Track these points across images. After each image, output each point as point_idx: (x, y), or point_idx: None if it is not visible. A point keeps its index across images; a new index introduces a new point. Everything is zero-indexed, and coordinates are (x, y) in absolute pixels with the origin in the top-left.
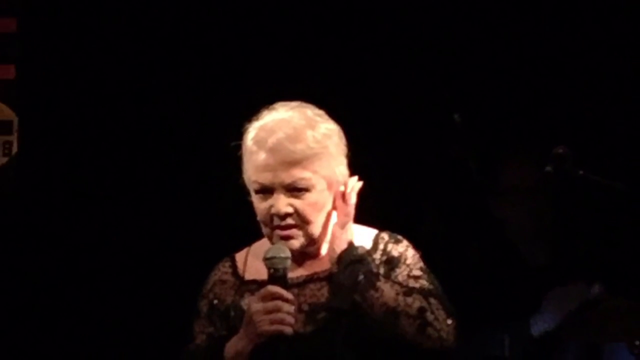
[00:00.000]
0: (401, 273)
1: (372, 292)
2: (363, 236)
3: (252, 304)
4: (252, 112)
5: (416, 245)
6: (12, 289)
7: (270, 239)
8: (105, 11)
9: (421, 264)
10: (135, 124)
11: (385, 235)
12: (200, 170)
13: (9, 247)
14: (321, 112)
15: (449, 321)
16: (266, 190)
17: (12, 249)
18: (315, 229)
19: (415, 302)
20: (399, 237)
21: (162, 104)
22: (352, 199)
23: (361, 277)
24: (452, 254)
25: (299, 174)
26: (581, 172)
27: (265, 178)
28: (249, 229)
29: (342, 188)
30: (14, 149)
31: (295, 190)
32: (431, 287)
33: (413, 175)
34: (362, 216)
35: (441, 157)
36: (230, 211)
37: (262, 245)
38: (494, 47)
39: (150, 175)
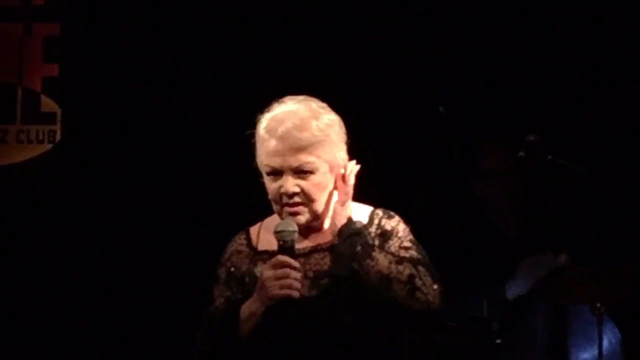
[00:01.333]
0: (393, 244)
1: (368, 261)
2: (360, 212)
3: (264, 271)
4: (264, 105)
5: (406, 220)
6: (56, 258)
7: (279, 214)
8: (136, 17)
9: (411, 236)
10: (164, 116)
11: (379, 212)
12: (220, 156)
13: (52, 222)
14: (324, 104)
15: (435, 286)
16: (276, 173)
17: (55, 224)
18: (319, 206)
19: (406, 269)
20: (392, 213)
21: (188, 99)
22: (351, 180)
23: (359, 248)
24: (438, 228)
25: (305, 159)
26: (549, 156)
27: (276, 162)
28: (261, 206)
29: (342, 171)
30: (58, 137)
31: (301, 172)
32: (419, 256)
33: (404, 160)
34: (360, 195)
35: (428, 144)
36: (245, 191)
37: (272, 220)
38: (474, 51)
39: (177, 159)
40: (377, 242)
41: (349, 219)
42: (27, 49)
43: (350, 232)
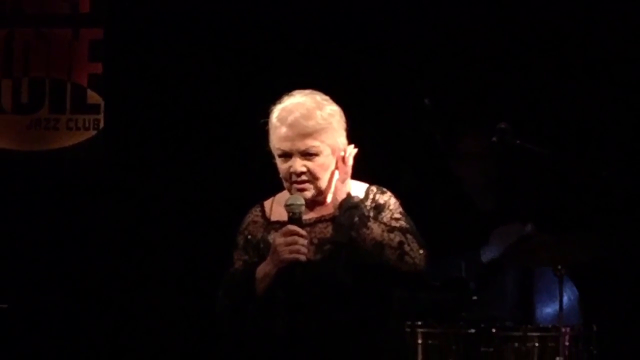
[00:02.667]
0: (385, 216)
1: (364, 229)
2: (357, 189)
3: (276, 238)
4: (276, 97)
5: (397, 195)
6: (99, 227)
7: (289, 190)
8: (168, 23)
9: (400, 209)
10: (192, 107)
11: (374, 188)
12: (239, 140)
13: (96, 196)
14: (327, 97)
15: (421, 251)
16: (286, 155)
17: (98, 198)
18: (323, 184)
19: (396, 237)
20: (384, 189)
21: (213, 93)
22: (350, 162)
23: (356, 219)
24: (423, 201)
25: (311, 143)
26: (518, 141)
27: (286, 146)
28: (273, 183)
29: (342, 153)
30: (101, 125)
31: (308, 155)
32: (408, 226)
33: (395, 144)
34: (357, 174)
35: (415, 131)
36: (260, 170)
37: (283, 195)
38: (455, 52)
39: (203, 144)
40: (372, 214)
41: (348, 194)
42: (75, 50)
43: (349, 205)
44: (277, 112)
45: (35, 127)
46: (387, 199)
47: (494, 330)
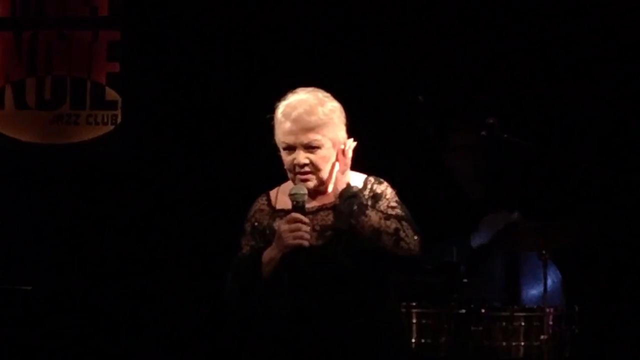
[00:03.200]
0: (382, 204)
1: (362, 217)
2: (356, 179)
3: (281, 225)
4: (281, 95)
5: (393, 185)
6: (117, 214)
7: (293, 181)
8: (180, 25)
9: (396, 198)
10: (203, 103)
11: (371, 179)
12: (247, 134)
13: (114, 186)
14: (328, 94)
15: (416, 237)
16: (290, 148)
17: (116, 188)
18: (324, 174)
19: (392, 224)
20: (381, 179)
21: (223, 90)
22: (349, 154)
23: (355, 207)
24: (418, 191)
25: (313, 137)
26: (505, 135)
27: (290, 139)
28: (278, 174)
29: (342, 146)
30: (118, 120)
31: (310, 147)
32: (403, 214)
33: (391, 138)
34: (356, 165)
35: (410, 126)
36: (266, 162)
37: (287, 185)
38: (448, 53)
39: (213, 138)
40: (369, 203)
41: (348, 184)
42: (95, 51)
43: (348, 194)
44: (281, 108)
45: (58, 122)
46: (384, 188)
47: (483, 311)
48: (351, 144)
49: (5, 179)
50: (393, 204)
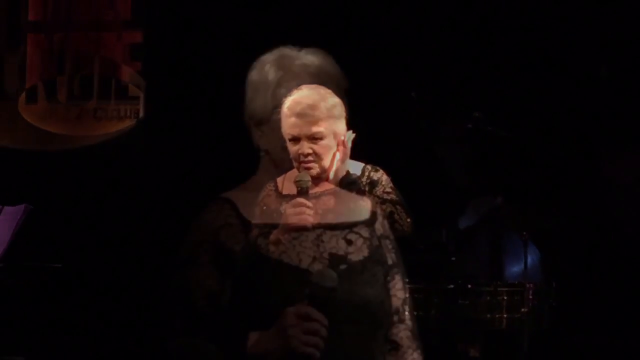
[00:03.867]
0: (379, 190)
1: None
2: (355, 167)
3: (287, 208)
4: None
5: (388, 173)
6: (139, 201)
7: (298, 169)
8: (198, 27)
9: (391, 184)
10: (218, 100)
11: (369, 167)
12: None
13: (136, 173)
14: (330, 91)
15: (408, 219)
16: (295, 139)
17: (138, 176)
18: (326, 163)
19: (388, 208)
20: (378, 167)
21: (236, 89)
22: (349, 145)
23: (354, 192)
24: (411, 178)
25: (316, 129)
26: (490, 128)
27: (295, 131)
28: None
29: (342, 138)
30: (140, 114)
31: (314, 139)
32: (397, 198)
33: (387, 130)
34: (354, 155)
35: (404, 119)
36: None
37: (293, 173)
38: (438, 52)
39: (226, 130)
40: (367, 189)
41: (347, 172)
42: (119, 51)
43: (348, 181)
44: (287, 103)
45: (85, 116)
46: (380, 175)
47: (469, 286)
48: (350, 135)
49: (37, 168)
50: (388, 189)
